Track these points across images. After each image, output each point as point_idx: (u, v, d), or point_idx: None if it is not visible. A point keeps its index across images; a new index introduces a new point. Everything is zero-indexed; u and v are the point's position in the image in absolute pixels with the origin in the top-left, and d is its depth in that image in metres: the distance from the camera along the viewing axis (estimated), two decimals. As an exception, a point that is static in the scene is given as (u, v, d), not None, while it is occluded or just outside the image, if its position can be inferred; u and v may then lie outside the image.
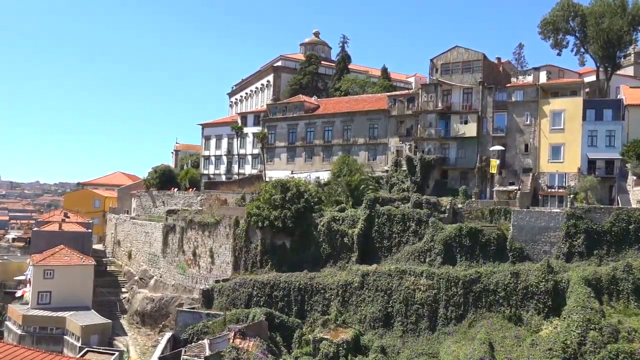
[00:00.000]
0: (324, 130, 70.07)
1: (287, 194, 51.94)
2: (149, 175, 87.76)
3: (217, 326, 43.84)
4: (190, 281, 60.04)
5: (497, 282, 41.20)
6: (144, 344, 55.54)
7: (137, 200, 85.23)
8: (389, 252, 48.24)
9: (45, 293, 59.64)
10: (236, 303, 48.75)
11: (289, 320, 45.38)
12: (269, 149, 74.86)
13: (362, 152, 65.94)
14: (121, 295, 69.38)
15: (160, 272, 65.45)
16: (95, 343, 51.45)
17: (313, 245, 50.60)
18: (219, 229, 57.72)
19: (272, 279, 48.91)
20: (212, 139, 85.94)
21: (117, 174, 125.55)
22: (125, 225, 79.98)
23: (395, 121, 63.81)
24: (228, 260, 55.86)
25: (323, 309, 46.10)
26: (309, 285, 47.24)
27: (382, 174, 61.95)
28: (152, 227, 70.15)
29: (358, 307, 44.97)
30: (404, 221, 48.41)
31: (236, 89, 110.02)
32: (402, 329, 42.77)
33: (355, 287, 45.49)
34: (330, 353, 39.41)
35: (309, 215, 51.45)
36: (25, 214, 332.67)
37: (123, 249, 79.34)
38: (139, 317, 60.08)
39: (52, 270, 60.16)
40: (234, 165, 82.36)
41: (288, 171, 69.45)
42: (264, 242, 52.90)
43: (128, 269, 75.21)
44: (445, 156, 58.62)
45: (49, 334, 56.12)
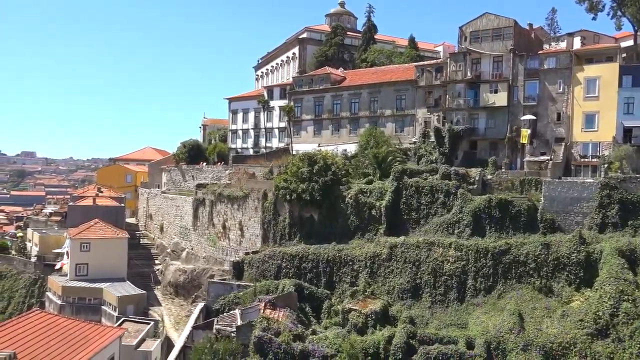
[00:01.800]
0: (351, 102, 69.48)
1: (314, 167, 52.03)
2: (178, 149, 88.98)
3: (248, 297, 44.78)
4: (220, 253, 61.21)
5: (527, 253, 40.84)
6: (178, 313, 57.17)
7: (167, 174, 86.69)
8: (417, 224, 48.13)
9: (82, 265, 61.77)
10: (266, 275, 49.63)
11: (317, 292, 46.04)
12: (296, 122, 74.78)
13: (390, 123, 65.28)
14: (154, 267, 71.27)
15: (192, 245, 66.86)
16: (132, 313, 53.27)
17: (341, 217, 50.82)
18: (247, 202, 58.40)
19: (300, 251, 49.50)
20: (239, 113, 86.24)
21: (147, 149, 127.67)
22: (156, 200, 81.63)
23: (423, 92, 62.79)
24: (257, 232, 56.64)
25: (351, 281, 46.58)
26: (337, 257, 47.67)
27: (410, 146, 61.37)
28: (183, 201, 71.41)
29: (386, 279, 45.27)
30: (432, 193, 48.10)
31: (262, 62, 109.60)
32: (430, 300, 42.98)
33: (384, 259, 45.72)
34: (359, 323, 39.92)
35: (337, 188, 51.55)
36: (61, 189, 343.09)
37: (155, 223, 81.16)
38: (172, 288, 61.75)
39: (88, 243, 62.13)
40: (261, 139, 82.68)
41: (315, 144, 69.35)
42: (292, 214, 53.36)
43: (160, 241, 77.05)
44: (474, 126, 57.58)
45: (87, 304, 58.31)
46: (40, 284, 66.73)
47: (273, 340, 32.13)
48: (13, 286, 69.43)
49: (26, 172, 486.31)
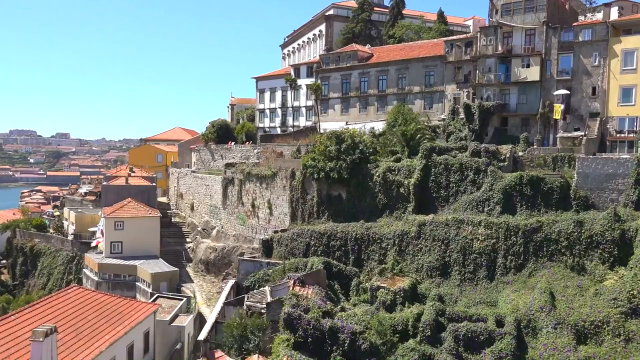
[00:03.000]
0: (378, 79, 68.72)
1: (341, 145, 51.89)
2: (207, 129, 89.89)
3: (277, 274, 45.42)
4: (250, 231, 62.05)
5: (559, 231, 40.16)
6: (209, 290, 58.47)
7: (196, 154, 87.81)
8: (446, 202, 47.73)
9: (117, 243, 63.54)
10: (294, 252, 50.16)
11: (346, 269, 46.34)
12: (323, 100, 74.48)
13: (418, 100, 64.44)
14: (186, 245, 72.81)
15: (222, 223, 67.92)
16: (165, 289, 54.70)
17: (369, 195, 50.75)
18: (275, 181, 58.81)
19: (329, 229, 49.76)
20: (267, 92, 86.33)
21: (177, 129, 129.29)
22: (186, 179, 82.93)
23: (452, 67, 61.58)
24: (285, 211, 57.10)
25: (380, 258, 46.70)
26: (366, 235, 47.77)
27: (439, 123, 60.55)
28: (212, 180, 72.36)
29: (415, 257, 45.23)
30: (461, 170, 47.50)
31: (288, 40, 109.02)
32: (459, 278, 42.82)
33: (412, 237, 45.62)
34: (387, 301, 40.12)
35: (364, 166, 51.39)
36: (94, 169, 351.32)
37: (186, 202, 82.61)
38: (203, 266, 63.03)
39: (122, 222, 63.78)
40: (288, 118, 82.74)
41: (342, 122, 69.10)
42: (320, 193, 53.54)
43: (191, 220, 78.49)
44: (505, 102, 56.34)
45: (122, 281, 60.13)
46: (77, 261, 69.02)
47: (302, 317, 32.58)
48: (52, 263, 72.07)
49: (61, 153, 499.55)
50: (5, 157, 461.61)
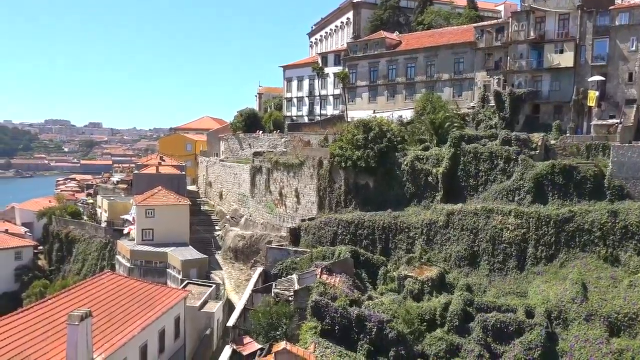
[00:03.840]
0: (407, 67, 67.94)
1: (369, 133, 51.63)
2: (235, 118, 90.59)
3: (305, 262, 45.70)
4: (277, 220, 62.51)
5: (592, 221, 39.26)
6: (238, 277, 59.26)
7: (225, 143, 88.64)
8: (475, 191, 47.12)
9: (148, 230, 64.83)
10: (322, 241, 50.34)
11: (373, 258, 46.32)
12: (350, 88, 74.09)
13: (447, 88, 63.51)
14: (215, 232, 73.78)
15: (250, 212, 68.59)
16: (195, 276, 55.67)
17: (396, 184, 50.47)
18: (303, 169, 58.98)
19: (356, 218, 49.75)
20: (294, 81, 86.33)
21: (206, 118, 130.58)
22: (215, 168, 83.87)
23: (483, 54, 60.41)
24: (313, 200, 57.29)
25: (407, 248, 46.52)
26: (393, 224, 47.60)
27: (468, 111, 59.61)
28: (240, 169, 73.01)
29: (443, 246, 44.90)
30: (491, 159, 46.76)
31: (316, 28, 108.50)
32: (488, 268, 42.36)
33: (440, 226, 45.26)
34: (415, 290, 40.04)
35: (392, 155, 51.06)
36: (126, 158, 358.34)
37: (214, 190, 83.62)
38: (232, 253, 63.86)
39: (153, 210, 64.99)
40: (315, 107, 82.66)
41: (370, 111, 68.65)
42: (348, 182, 53.49)
43: (220, 208, 79.47)
44: (537, 89, 55.05)
45: (153, 267, 61.43)
46: (110, 247, 70.72)
47: (330, 305, 32.76)
48: (86, 249, 74.06)
49: (94, 142, 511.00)
50: (41, 147, 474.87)
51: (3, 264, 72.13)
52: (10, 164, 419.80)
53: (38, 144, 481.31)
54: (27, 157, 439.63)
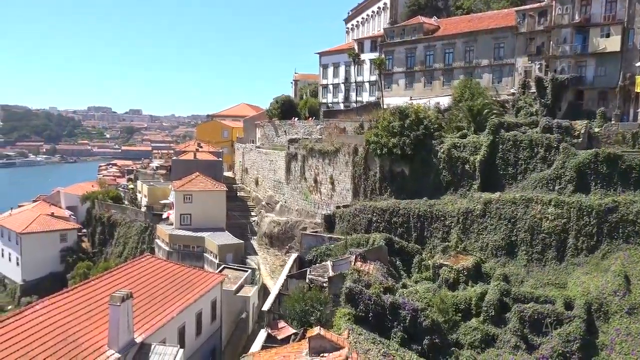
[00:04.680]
0: (445, 52, 66.67)
1: (405, 120, 51.07)
2: (271, 105, 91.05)
3: (339, 249, 45.86)
4: (312, 207, 62.83)
5: (637, 212, 37.88)
6: (273, 262, 60.03)
7: (261, 130, 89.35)
8: (514, 180, 46.11)
9: (186, 215, 66.33)
10: (356, 228, 50.36)
11: (408, 246, 46.06)
12: (387, 75, 73.32)
13: (486, 74, 62.06)
14: (250, 218, 74.83)
15: (285, 198, 69.15)
16: (231, 260, 56.73)
17: (433, 172, 49.89)
18: (338, 156, 58.94)
19: (391, 205, 49.49)
20: (330, 68, 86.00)
21: (242, 105, 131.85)
22: (251, 154, 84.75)
23: (524, 39, 58.65)
24: (348, 187, 57.26)
25: (443, 236, 46.05)
26: (429, 212, 47.15)
27: (508, 98, 58.17)
28: (276, 156, 73.55)
29: (479, 235, 44.24)
30: (531, 147, 45.59)
31: (352, 14, 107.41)
32: (526, 258, 41.53)
33: (477, 215, 44.57)
34: (450, 279, 39.67)
35: (429, 142, 50.42)
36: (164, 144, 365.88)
37: (250, 176, 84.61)
38: (267, 239, 64.67)
39: (191, 195, 66.37)
40: (351, 93, 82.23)
41: (406, 97, 67.83)
42: (383, 169, 53.18)
43: (256, 194, 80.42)
44: (581, 75, 53.17)
45: (191, 252, 62.89)
46: (149, 231, 72.66)
47: (364, 292, 32.83)
48: (127, 233, 76.31)
49: (134, 128, 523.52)
50: (84, 133, 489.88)
51: (49, 246, 75.14)
52: (55, 149, 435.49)
53: (81, 131, 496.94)
54: (71, 143, 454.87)
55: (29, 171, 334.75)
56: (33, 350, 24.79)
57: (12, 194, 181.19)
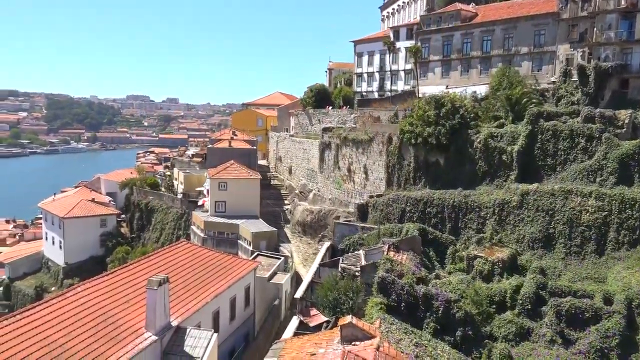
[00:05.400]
0: (482, 40, 65.19)
1: (441, 109, 50.32)
2: (305, 94, 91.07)
3: (372, 239, 45.78)
4: (345, 196, 62.81)
5: (683, 205, 36.41)
6: (305, 251, 60.41)
7: (295, 118, 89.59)
8: (553, 171, 44.94)
9: (221, 203, 67.29)
10: (389, 218, 50.13)
11: (442, 237, 45.62)
12: (422, 63, 72.24)
13: (525, 62, 60.43)
14: (284, 206, 75.36)
15: (318, 187, 69.32)
16: (264, 248, 57.34)
17: (468, 162, 49.09)
18: (372, 146, 58.63)
19: (425, 195, 49.03)
20: (365, 56, 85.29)
21: (276, 94, 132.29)
22: (285, 143, 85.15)
23: (566, 25, 56.75)
24: (381, 176, 56.96)
25: (478, 227, 45.38)
26: (464, 203, 46.50)
27: (548, 86, 56.53)
28: (310, 144, 73.69)
29: (515, 227, 43.40)
30: (571, 137, 44.29)
31: (388, 1, 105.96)
32: (564, 251, 40.55)
33: (514, 206, 43.69)
34: (484, 270, 39.11)
35: (465, 132, 49.58)
36: (200, 132, 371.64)
37: (284, 165, 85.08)
38: (300, 227, 65.07)
39: (225, 183, 67.27)
40: (386, 82, 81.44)
41: (442, 86, 66.77)
42: (417, 159, 52.65)
43: (289, 183, 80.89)
44: (626, 63, 51.07)
45: (225, 238, 63.84)
46: (185, 218, 74.08)
47: (396, 282, 32.72)
48: (164, 219, 78.01)
49: (171, 116, 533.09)
50: (123, 121, 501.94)
51: (90, 230, 77.56)
52: (96, 137, 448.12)
53: (121, 119, 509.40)
54: (110, 130, 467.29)
55: (71, 158, 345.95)
56: (75, 330, 25.76)
57: (55, 180, 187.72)
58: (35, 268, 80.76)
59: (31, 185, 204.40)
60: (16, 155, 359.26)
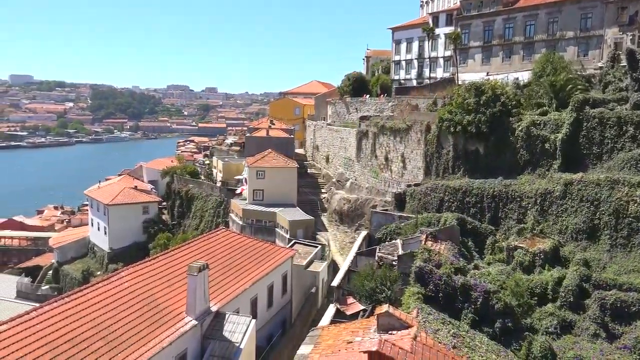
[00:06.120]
0: (525, 25, 63.27)
1: (481, 97, 49.23)
2: (342, 82, 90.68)
3: (409, 228, 45.45)
4: (382, 185, 62.48)
5: None
6: (342, 239, 60.55)
7: (332, 107, 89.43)
8: (598, 160, 43.38)
9: (258, 191, 68.12)
10: (427, 207, 49.61)
11: (481, 227, 44.87)
12: (462, 50, 70.75)
13: (571, 47, 58.40)
14: (321, 195, 75.61)
15: (355, 176, 69.19)
16: (301, 236, 57.83)
17: (509, 151, 47.93)
18: (410, 134, 58.00)
19: (464, 185, 48.26)
20: (403, 43, 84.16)
21: (314, 82, 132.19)
22: (322, 131, 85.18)
23: (615, 8, 54.42)
24: (419, 165, 56.35)
25: (518, 218, 44.39)
26: (504, 192, 45.53)
27: (595, 72, 54.42)
28: (347, 133, 73.49)
29: (558, 217, 42.21)
30: (619, 125, 42.56)
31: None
32: (609, 243, 39.19)
33: (557, 196, 42.49)
34: (525, 262, 38.28)
35: (506, 120, 48.39)
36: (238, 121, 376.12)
37: (321, 153, 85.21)
38: (337, 216, 65.19)
39: (263, 171, 68.00)
40: (424, 69, 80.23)
41: (483, 73, 65.28)
42: (456, 147, 51.79)
43: (326, 171, 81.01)
44: (681, 46, 48.72)
45: (263, 226, 64.68)
46: (224, 205, 75.36)
47: (434, 272, 32.44)
48: (203, 207, 79.59)
49: (210, 106, 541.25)
50: (164, 110, 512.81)
51: (133, 217, 79.86)
52: (138, 126, 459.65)
53: (161, 108, 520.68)
54: (152, 120, 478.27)
55: (115, 147, 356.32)
56: (120, 313, 26.73)
57: (100, 168, 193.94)
58: (81, 253, 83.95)
59: (78, 173, 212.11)
60: (63, 145, 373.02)
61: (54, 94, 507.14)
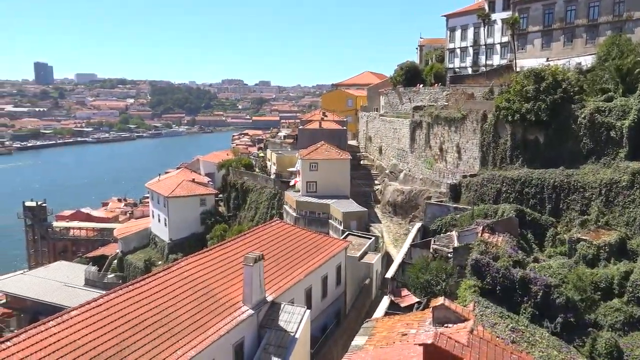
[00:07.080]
0: (589, 6, 60.13)
1: (541, 84, 47.29)
2: (395, 72, 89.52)
3: (465, 220, 44.54)
4: (437, 176, 61.40)
5: None
6: (396, 231, 60.07)
7: (384, 98, 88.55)
8: (670, 148, 40.84)
9: (311, 183, 68.58)
10: (484, 198, 48.39)
11: (541, 219, 43.33)
12: (520, 35, 68.14)
13: (639, 29, 55.02)
14: (374, 187, 75.24)
15: (409, 167, 68.34)
16: (355, 228, 57.81)
17: (571, 139, 45.89)
18: (465, 124, 56.63)
19: (523, 175, 46.68)
20: (457, 30, 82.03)
21: (366, 73, 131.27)
22: (375, 122, 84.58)
23: (690, -16, 50.84)
24: (475, 155, 54.96)
25: (581, 209, 42.51)
26: (566, 182, 43.71)
27: (666, 54, 51.11)
28: (400, 124, 72.61)
29: (625, 209, 40.09)
30: (693, 110, 39.87)
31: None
32: (682, 236, 36.94)
33: (623, 187, 40.34)
34: (589, 255, 36.67)
35: (567, 107, 46.31)
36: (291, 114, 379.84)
37: (374, 145, 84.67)
38: (391, 207, 64.67)
39: (316, 163, 68.37)
40: (480, 57, 77.93)
41: (543, 58, 62.66)
42: (514, 137, 50.10)
43: (379, 163, 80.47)
44: None
45: (317, 218, 65.12)
46: (278, 197, 76.38)
47: (491, 264, 31.68)
48: (258, 199, 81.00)
49: (263, 99, 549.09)
50: (219, 105, 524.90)
51: (192, 209, 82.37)
52: (195, 120, 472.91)
53: (217, 102, 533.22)
54: (208, 114, 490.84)
55: (173, 141, 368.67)
56: (180, 301, 27.74)
57: (160, 162, 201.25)
58: (143, 243, 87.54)
59: (139, 166, 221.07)
60: (125, 140, 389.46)
61: (116, 90, 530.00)
